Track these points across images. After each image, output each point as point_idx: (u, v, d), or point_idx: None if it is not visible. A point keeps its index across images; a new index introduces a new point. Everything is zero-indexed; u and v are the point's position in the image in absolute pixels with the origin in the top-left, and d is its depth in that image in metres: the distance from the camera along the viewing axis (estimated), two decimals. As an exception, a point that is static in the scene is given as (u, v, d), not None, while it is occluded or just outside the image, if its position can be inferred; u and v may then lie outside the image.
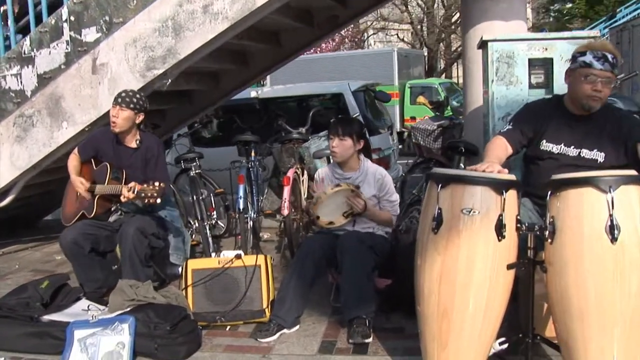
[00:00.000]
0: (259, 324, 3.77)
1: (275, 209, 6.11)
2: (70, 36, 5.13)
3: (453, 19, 24.77)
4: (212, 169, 6.43)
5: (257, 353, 3.46)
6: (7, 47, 5.60)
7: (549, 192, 2.56)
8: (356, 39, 23.93)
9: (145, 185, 3.85)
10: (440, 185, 2.68)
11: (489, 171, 2.82)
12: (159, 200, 3.87)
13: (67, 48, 5.15)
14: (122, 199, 3.94)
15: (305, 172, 5.64)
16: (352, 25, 24.51)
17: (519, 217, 2.67)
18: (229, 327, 3.85)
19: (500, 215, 2.59)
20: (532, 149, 3.29)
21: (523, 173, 3.35)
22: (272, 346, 3.53)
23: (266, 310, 3.81)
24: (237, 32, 4.89)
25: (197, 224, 5.54)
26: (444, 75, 27.69)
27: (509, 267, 2.63)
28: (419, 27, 25.96)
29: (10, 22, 5.62)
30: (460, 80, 25.15)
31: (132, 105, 4.12)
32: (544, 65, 3.95)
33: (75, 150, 4.45)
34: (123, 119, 4.12)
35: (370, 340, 3.47)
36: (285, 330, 3.68)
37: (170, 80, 5.00)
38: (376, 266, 3.80)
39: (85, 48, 5.09)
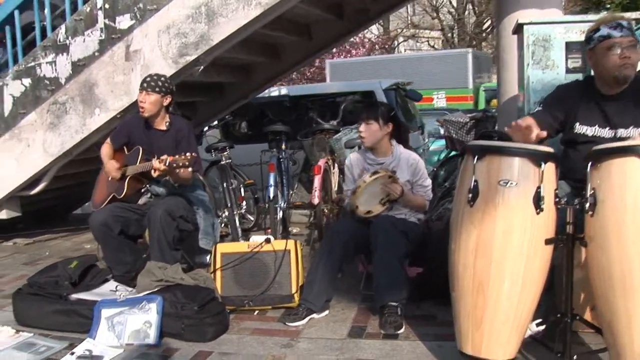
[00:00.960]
0: (288, 309, 3.72)
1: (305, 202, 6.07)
2: (105, 24, 5.17)
3: (484, 26, 24.61)
4: (242, 164, 6.42)
5: (286, 336, 3.41)
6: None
7: (589, 164, 2.47)
8: (386, 46, 23.84)
9: (176, 156, 3.83)
10: (476, 157, 2.61)
11: (526, 124, 2.78)
12: (190, 170, 3.86)
13: (101, 35, 5.20)
14: (153, 173, 3.92)
15: (336, 164, 5.59)
16: (382, 33, 24.58)
17: (557, 192, 2.59)
18: (257, 311, 3.81)
19: (539, 187, 2.51)
20: (566, 133, 3.19)
21: (561, 157, 3.26)
22: (300, 330, 3.49)
23: (295, 295, 3.76)
24: (269, 18, 4.88)
25: (226, 213, 5.51)
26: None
27: (547, 242, 2.55)
28: (449, 34, 25.82)
29: (46, 11, 5.68)
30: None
31: (157, 89, 4.12)
32: (582, 48, 3.83)
33: (108, 140, 4.47)
34: (150, 103, 4.12)
35: (402, 330, 3.39)
36: (314, 315, 3.63)
37: (202, 67, 5.00)
38: (408, 253, 3.73)
39: (119, 35, 5.12)
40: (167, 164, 3.85)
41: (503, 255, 2.52)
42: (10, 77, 5.64)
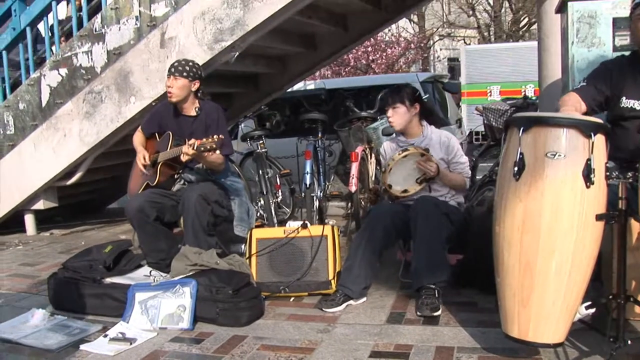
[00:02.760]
0: (325, 295, 3.63)
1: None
2: (140, 11, 5.16)
3: (521, 24, 24.25)
4: (278, 156, 6.36)
5: (322, 322, 3.32)
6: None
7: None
8: (422, 44, 23.61)
9: (204, 140, 3.77)
10: (522, 129, 2.48)
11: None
12: (219, 153, 3.79)
13: (136, 23, 5.18)
14: (182, 158, 3.86)
15: (373, 154, 5.49)
16: (418, 32, 24.36)
17: (608, 165, 2.45)
18: (293, 298, 3.73)
19: (589, 159, 2.37)
20: (612, 108, 3.05)
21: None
22: (337, 316, 3.39)
23: (332, 281, 3.67)
24: (305, 3, 4.80)
25: (262, 201, 5.45)
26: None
27: (598, 218, 2.41)
28: (486, 32, 25.49)
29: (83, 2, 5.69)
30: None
31: (185, 74, 4.06)
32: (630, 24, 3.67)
33: (139, 128, 4.44)
34: (178, 88, 4.07)
35: (439, 313, 3.29)
36: (351, 302, 3.53)
37: (237, 53, 4.94)
38: (450, 237, 3.62)
39: (154, 23, 5.11)
40: (195, 148, 3.79)
41: (551, 231, 2.39)
42: (48, 68, 5.66)
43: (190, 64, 4.14)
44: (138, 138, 4.38)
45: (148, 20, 5.11)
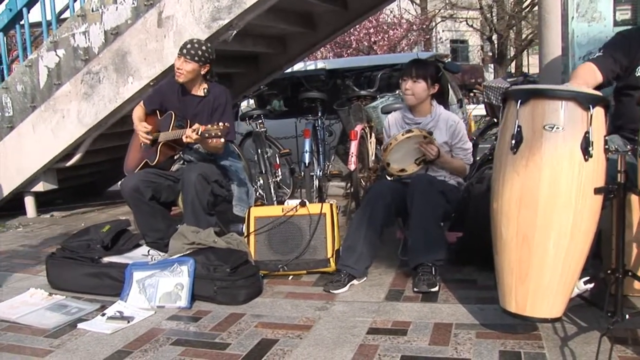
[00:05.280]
0: (327, 275, 3.61)
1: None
2: (137, -10, 5.10)
3: (524, 4, 24.08)
4: (278, 137, 6.34)
5: (321, 300, 3.30)
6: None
7: (643, 108, 2.30)
8: (424, 26, 23.48)
9: (209, 126, 3.73)
10: (519, 102, 2.44)
11: None
12: (222, 140, 3.76)
13: (133, 3, 5.14)
14: (185, 139, 3.83)
15: (373, 133, 5.45)
16: (420, 13, 24.21)
17: (607, 138, 2.42)
18: (291, 276, 3.71)
19: (587, 132, 2.33)
20: (625, 78, 3.01)
21: (613, 107, 3.07)
22: (336, 294, 3.37)
23: (331, 259, 3.65)
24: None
25: (261, 181, 5.43)
26: (513, 63, 26.87)
27: (597, 191, 2.38)
28: (488, 13, 25.33)
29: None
30: (531, 70, 24.46)
31: (196, 58, 4.01)
32: (631, -1, 3.63)
33: (141, 102, 4.40)
34: (188, 71, 4.03)
35: (436, 289, 3.28)
36: (354, 281, 3.50)
37: (235, 32, 4.89)
38: (447, 215, 3.60)
39: (152, 2, 5.06)
40: (199, 134, 3.76)
41: (549, 204, 2.36)
42: (45, 49, 5.63)
43: (203, 47, 4.06)
44: (138, 113, 4.34)
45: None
